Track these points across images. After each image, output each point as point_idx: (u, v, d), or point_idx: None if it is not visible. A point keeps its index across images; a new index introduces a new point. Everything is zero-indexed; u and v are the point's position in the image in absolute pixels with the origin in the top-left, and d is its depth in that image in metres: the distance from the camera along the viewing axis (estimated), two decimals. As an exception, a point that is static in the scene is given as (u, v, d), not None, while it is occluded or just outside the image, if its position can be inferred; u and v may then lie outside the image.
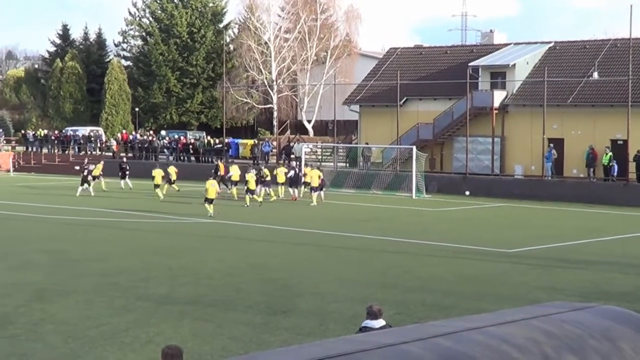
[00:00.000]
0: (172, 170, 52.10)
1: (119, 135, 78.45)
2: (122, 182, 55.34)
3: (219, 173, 50.73)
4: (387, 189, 53.39)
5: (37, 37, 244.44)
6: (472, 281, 23.68)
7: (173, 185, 50.89)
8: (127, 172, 55.42)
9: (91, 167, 52.93)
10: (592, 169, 51.40)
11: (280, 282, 23.18)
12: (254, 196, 44.82)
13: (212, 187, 39.77)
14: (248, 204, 44.32)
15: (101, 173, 53.77)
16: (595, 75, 54.29)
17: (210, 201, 39.49)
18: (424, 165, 54.39)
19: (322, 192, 47.22)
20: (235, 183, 48.97)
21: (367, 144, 60.59)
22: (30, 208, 43.07)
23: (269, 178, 47.81)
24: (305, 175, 49.10)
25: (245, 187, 44.98)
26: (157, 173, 49.12)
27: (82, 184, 50.72)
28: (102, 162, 56.35)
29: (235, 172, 49.63)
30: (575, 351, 5.29)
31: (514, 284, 23.34)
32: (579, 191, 49.09)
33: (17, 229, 35.05)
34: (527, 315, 5.66)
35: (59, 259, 27.01)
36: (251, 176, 45.14)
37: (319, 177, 46.79)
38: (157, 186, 48.66)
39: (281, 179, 49.42)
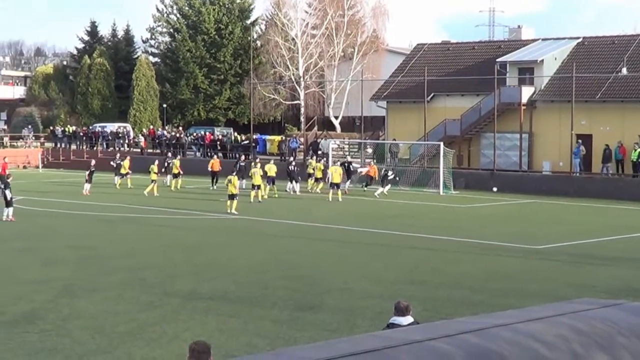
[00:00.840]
0: (175, 164, 52.20)
1: (145, 131, 78.75)
2: (168, 177, 54.51)
3: (244, 170, 50.66)
4: (414, 185, 53.24)
5: (66, 34, 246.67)
6: (500, 278, 23.59)
7: (154, 185, 49.10)
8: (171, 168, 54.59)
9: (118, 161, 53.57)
10: (607, 166, 50.74)
11: (307, 278, 23.17)
12: (258, 192, 44.94)
13: (230, 184, 39.70)
14: (260, 198, 44.71)
15: (129, 171, 53.81)
16: (624, 70, 53.93)
17: (232, 197, 39.42)
18: (452, 161, 54.18)
19: (345, 185, 47.85)
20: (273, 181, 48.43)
21: (394, 140, 60.49)
22: (59, 204, 43.32)
23: (272, 174, 47.84)
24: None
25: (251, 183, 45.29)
26: (152, 169, 49.33)
27: (88, 182, 49.54)
28: (128, 158, 56.07)
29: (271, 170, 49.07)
30: (604, 348, 5.25)
31: (542, 280, 23.22)
32: (607, 187, 48.78)
33: (45, 225, 35.24)
34: (556, 312, 5.63)
35: (86, 255, 27.13)
36: (257, 171, 45.12)
37: (340, 174, 46.93)
38: (153, 181, 48.85)
39: (319, 174, 49.90)
